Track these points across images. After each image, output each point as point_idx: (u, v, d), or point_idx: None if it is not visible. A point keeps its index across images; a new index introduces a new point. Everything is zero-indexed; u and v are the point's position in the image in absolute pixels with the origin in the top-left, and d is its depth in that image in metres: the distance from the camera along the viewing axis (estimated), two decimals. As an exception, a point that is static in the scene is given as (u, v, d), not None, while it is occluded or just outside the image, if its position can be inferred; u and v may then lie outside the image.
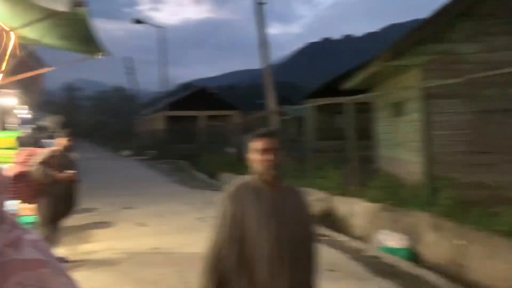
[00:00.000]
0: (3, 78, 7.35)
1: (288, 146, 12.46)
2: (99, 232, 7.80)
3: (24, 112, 27.25)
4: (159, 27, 29.95)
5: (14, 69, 7.87)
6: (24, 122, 28.19)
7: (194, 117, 32.48)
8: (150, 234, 7.64)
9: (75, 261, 5.93)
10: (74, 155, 6.10)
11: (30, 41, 7.48)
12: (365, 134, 10.81)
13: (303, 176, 9.85)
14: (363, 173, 8.46)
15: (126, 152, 32.54)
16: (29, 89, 17.86)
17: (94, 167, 21.84)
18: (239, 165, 14.72)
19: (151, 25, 29.68)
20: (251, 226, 2.10)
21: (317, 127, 20.09)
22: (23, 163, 5.58)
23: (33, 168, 5.41)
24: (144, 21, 29.60)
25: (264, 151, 2.11)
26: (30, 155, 5.64)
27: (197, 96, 35.03)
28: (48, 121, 24.57)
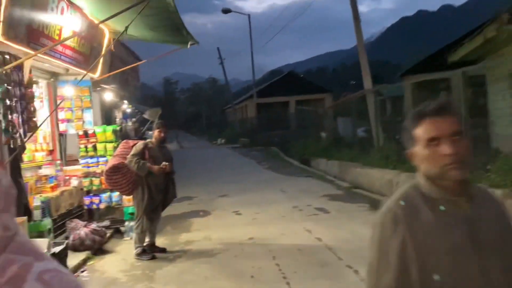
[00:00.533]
0: (100, 73, 7.68)
1: (386, 128, 11.60)
2: (197, 221, 7.86)
3: (125, 106, 29.10)
4: (245, 14, 30.07)
5: (110, 64, 8.20)
6: (126, 116, 30.20)
7: (284, 103, 32.26)
8: (246, 223, 7.50)
9: (175, 251, 5.96)
10: (168, 146, 6.11)
11: (122, 36, 7.69)
12: (478, 111, 9.57)
13: (406, 161, 9.03)
14: (479, 155, 7.43)
15: (219, 141, 33.51)
16: (126, 84, 18.76)
17: (190, 156, 22.74)
18: (333, 150, 14.14)
19: (239, 13, 30.00)
20: (438, 265, 1.24)
21: (418, 106, 18.54)
22: (119, 155, 5.68)
23: (127, 160, 5.47)
24: (232, 10, 29.91)
25: (438, 139, 1.26)
26: (126, 147, 5.72)
27: (286, 81, 34.69)
28: (147, 114, 26.08)
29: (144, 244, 5.80)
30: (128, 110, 30.77)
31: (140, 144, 5.65)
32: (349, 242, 5.88)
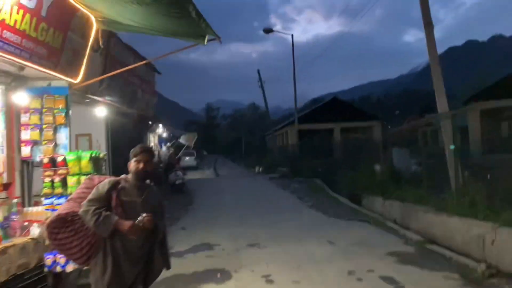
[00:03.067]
0: (83, 77, 5.61)
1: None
2: (209, 290, 5.51)
3: (160, 130, 27.07)
4: (288, 34, 28.18)
5: (104, 68, 6.15)
6: (161, 140, 28.18)
7: (328, 130, 29.72)
8: (279, 300, 5.07)
9: None
10: (156, 185, 3.84)
11: (115, 27, 5.66)
12: None
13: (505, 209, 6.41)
14: None
15: (257, 169, 31.29)
16: (134, 98, 14.87)
17: (222, 187, 20.51)
18: (390, 186, 11.49)
19: (282, 33, 28.17)
20: None
21: (483, 136, 15.98)
22: (75, 199, 3.47)
23: (81, 210, 3.26)
24: (273, 30, 28.09)
25: None
26: (89, 187, 3.49)
27: (329, 107, 32.19)
28: (182, 139, 24.24)
29: None
30: (164, 135, 29.12)
31: (105, 182, 3.42)
32: None
